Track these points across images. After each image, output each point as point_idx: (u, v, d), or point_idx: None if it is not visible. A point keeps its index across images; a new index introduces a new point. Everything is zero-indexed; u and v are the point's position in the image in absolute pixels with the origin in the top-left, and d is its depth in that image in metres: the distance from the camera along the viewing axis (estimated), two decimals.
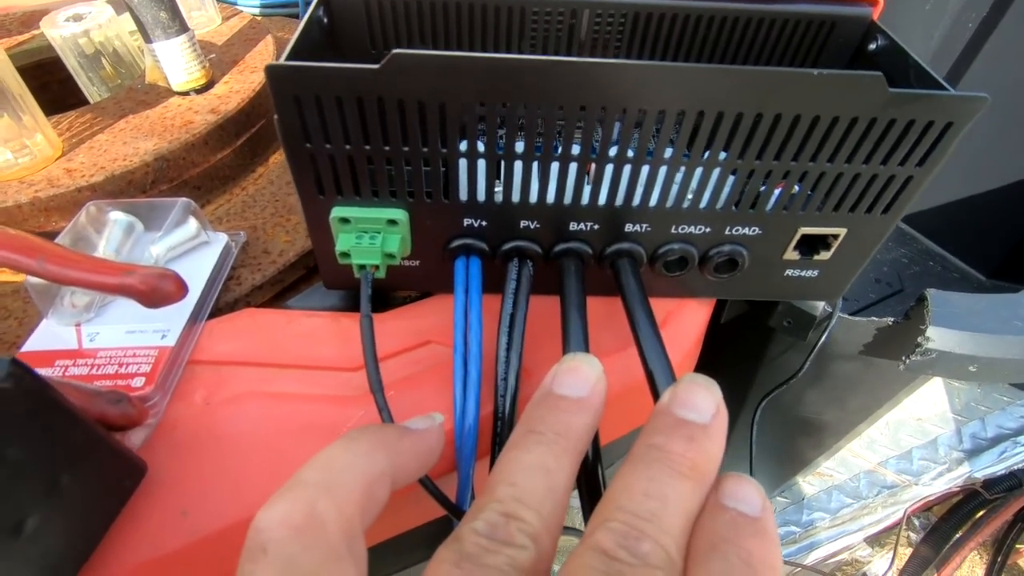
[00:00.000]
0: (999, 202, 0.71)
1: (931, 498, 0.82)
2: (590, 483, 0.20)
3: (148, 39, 0.35)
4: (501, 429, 0.23)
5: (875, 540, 0.89)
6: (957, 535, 0.88)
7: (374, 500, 0.16)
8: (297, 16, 0.54)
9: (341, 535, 0.15)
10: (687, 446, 0.15)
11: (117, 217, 0.29)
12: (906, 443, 0.83)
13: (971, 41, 0.68)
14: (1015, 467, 0.81)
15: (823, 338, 0.38)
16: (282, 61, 0.20)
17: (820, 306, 0.36)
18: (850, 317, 0.41)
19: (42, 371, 0.24)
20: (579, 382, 0.17)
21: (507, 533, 0.14)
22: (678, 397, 0.16)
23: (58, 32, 0.39)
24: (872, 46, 0.28)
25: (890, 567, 0.84)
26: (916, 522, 0.92)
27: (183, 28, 0.35)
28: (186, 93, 0.37)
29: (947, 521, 0.89)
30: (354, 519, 0.15)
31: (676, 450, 0.15)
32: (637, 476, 0.15)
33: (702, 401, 0.16)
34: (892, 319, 0.41)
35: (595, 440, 0.20)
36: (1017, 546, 0.93)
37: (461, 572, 0.13)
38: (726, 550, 0.13)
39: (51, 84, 0.48)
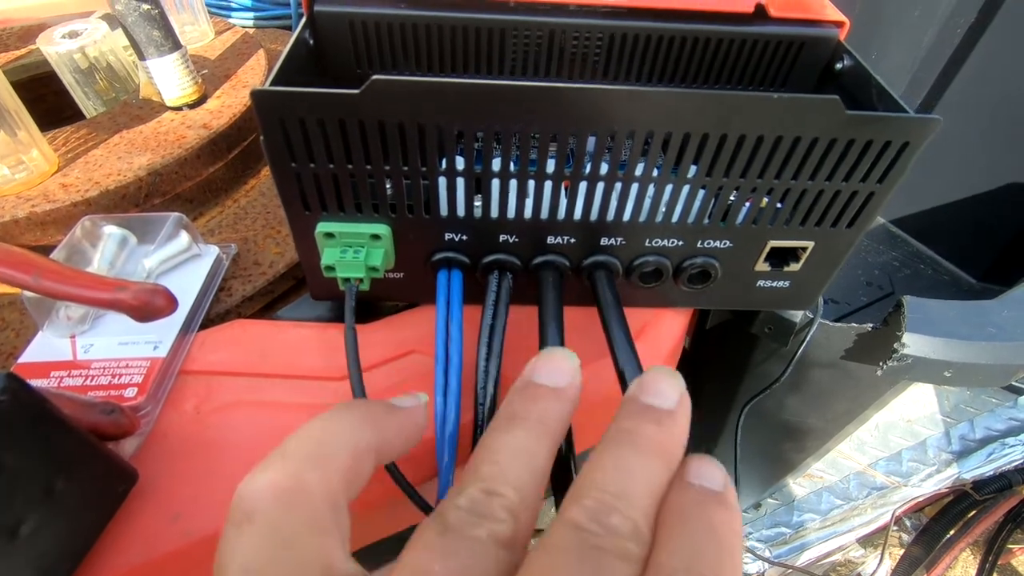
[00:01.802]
0: (990, 205, 0.71)
1: (920, 499, 0.83)
2: (562, 473, 0.21)
3: (142, 56, 0.36)
4: (481, 436, 0.24)
5: (868, 541, 0.90)
6: (948, 535, 0.88)
7: (359, 474, 0.17)
8: (290, 28, 0.55)
9: (327, 505, 0.15)
10: (655, 429, 0.16)
11: (111, 231, 0.30)
12: (895, 445, 0.84)
13: (959, 47, 0.69)
14: (1003, 468, 0.82)
15: (804, 344, 0.39)
16: (267, 86, 0.21)
17: (800, 312, 0.37)
18: (830, 323, 0.42)
19: (38, 382, 0.25)
20: (557, 373, 0.18)
21: (488, 508, 0.14)
22: (644, 386, 0.17)
23: (54, 49, 0.40)
24: (839, 66, 0.29)
25: (879, 567, 0.85)
26: (907, 523, 0.93)
27: (176, 45, 0.36)
28: (179, 108, 0.38)
29: (938, 522, 0.90)
30: (339, 491, 0.16)
31: (644, 433, 0.16)
32: (608, 456, 0.15)
33: (667, 388, 0.17)
34: (871, 325, 0.42)
35: (568, 433, 0.21)
36: (1008, 546, 0.94)
37: (444, 541, 0.14)
38: (692, 520, 0.14)
39: (47, 96, 0.49)
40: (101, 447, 0.21)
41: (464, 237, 0.26)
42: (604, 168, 0.23)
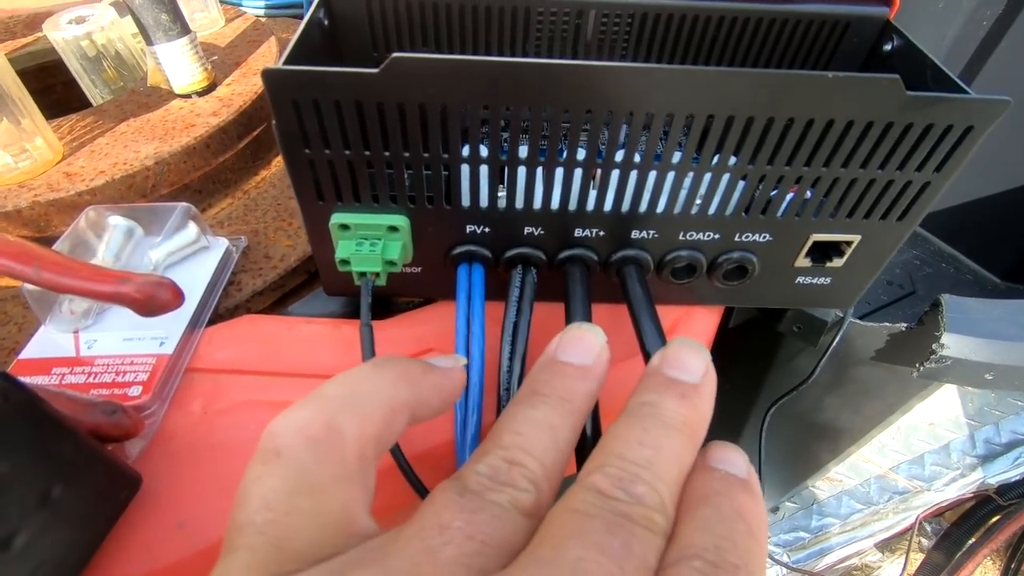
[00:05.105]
0: (1013, 203, 0.69)
1: (943, 504, 0.81)
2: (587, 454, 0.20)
3: (149, 41, 0.34)
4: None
5: (886, 545, 0.88)
6: (970, 541, 0.86)
7: (391, 429, 0.16)
8: (301, 17, 0.54)
9: (356, 455, 0.15)
10: (679, 403, 0.15)
11: (117, 222, 0.29)
12: (918, 448, 0.82)
13: (985, 40, 0.67)
14: None
15: (833, 344, 0.37)
16: (280, 65, 0.20)
17: (831, 311, 0.35)
18: (861, 322, 0.40)
19: (39, 379, 0.24)
20: (584, 350, 0.17)
21: (510, 476, 0.14)
22: (668, 358, 0.16)
23: (60, 35, 0.39)
24: (887, 47, 0.27)
25: (902, 573, 0.83)
26: (928, 528, 0.91)
27: (185, 30, 0.35)
28: (188, 96, 0.36)
29: (960, 527, 0.88)
30: (370, 442, 0.15)
31: (668, 406, 0.15)
32: (631, 428, 0.15)
33: (692, 362, 0.16)
34: (905, 324, 0.40)
35: (595, 415, 0.20)
36: None
37: (464, 501, 0.13)
38: (718, 501, 0.14)
39: (55, 87, 0.48)
40: (102, 450, 0.20)
41: (486, 229, 0.24)
42: (638, 156, 0.22)
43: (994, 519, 0.85)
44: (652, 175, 0.22)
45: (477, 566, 0.12)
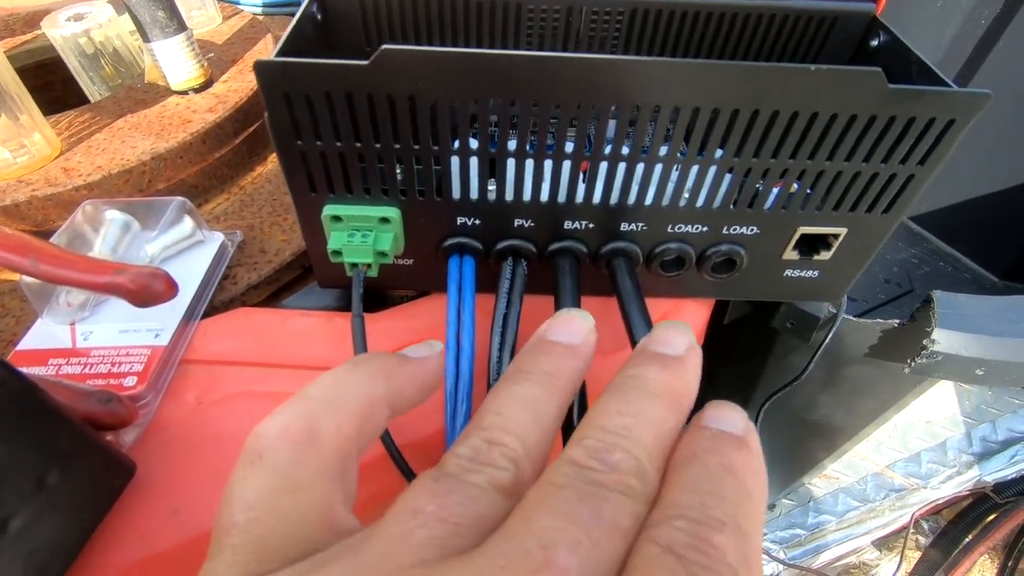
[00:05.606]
0: (1012, 202, 0.69)
1: (940, 502, 0.81)
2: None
3: (146, 38, 0.35)
4: None
5: (883, 543, 0.88)
6: (967, 539, 0.86)
7: (371, 425, 0.17)
8: None
9: (336, 453, 0.15)
10: (660, 371, 0.15)
11: (113, 216, 0.29)
12: (914, 446, 0.82)
13: (983, 38, 0.67)
14: None
15: (827, 340, 0.37)
16: (271, 57, 0.20)
17: (824, 307, 0.36)
18: (855, 318, 0.40)
19: (35, 370, 0.25)
20: (572, 331, 0.17)
21: (489, 456, 0.14)
22: (653, 337, 0.17)
23: (59, 32, 0.39)
24: (874, 42, 0.27)
25: (897, 571, 0.83)
26: (925, 525, 0.91)
27: (181, 27, 0.35)
28: (185, 92, 0.37)
29: (956, 525, 0.88)
30: (351, 439, 0.16)
31: (650, 376, 0.15)
32: (613, 400, 0.15)
33: (675, 338, 0.16)
34: (898, 321, 0.40)
35: (583, 399, 0.20)
36: None
37: (439, 486, 0.13)
38: (705, 459, 0.13)
39: (54, 83, 0.48)
40: (97, 438, 0.20)
41: (477, 221, 0.25)
42: (626, 149, 0.22)
43: (991, 517, 0.85)
44: (640, 168, 0.23)
45: (451, 547, 0.12)
